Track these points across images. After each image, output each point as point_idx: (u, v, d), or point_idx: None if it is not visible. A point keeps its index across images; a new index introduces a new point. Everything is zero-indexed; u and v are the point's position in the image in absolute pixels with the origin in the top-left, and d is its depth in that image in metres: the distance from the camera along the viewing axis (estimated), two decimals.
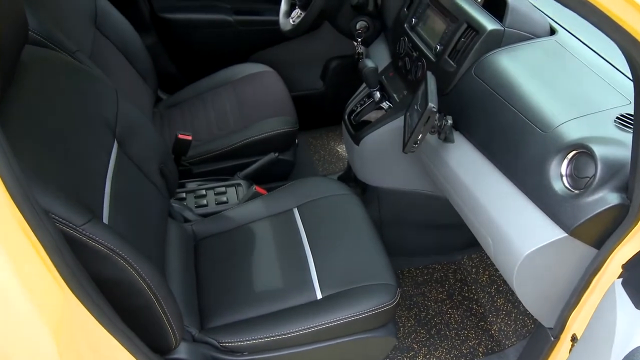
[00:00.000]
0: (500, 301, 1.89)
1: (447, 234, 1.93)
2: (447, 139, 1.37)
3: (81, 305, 0.88)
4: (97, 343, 0.93)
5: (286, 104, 2.08)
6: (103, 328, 0.93)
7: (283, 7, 1.99)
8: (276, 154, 1.91)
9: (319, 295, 1.36)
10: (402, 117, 1.62)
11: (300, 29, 1.83)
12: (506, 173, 1.25)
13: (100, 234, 0.97)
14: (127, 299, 1.04)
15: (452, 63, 1.45)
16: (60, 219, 0.92)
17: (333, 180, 1.70)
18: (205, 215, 1.66)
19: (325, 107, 2.59)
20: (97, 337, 0.93)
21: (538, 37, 1.43)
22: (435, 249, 1.99)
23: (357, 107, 1.82)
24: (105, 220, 1.09)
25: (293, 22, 1.91)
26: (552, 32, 1.45)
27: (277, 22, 2.32)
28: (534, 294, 1.24)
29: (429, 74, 1.37)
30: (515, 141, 1.23)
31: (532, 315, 1.49)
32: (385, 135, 1.68)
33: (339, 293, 1.36)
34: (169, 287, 1.13)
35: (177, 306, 1.14)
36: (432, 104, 1.24)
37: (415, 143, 1.30)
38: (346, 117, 1.84)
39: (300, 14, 1.90)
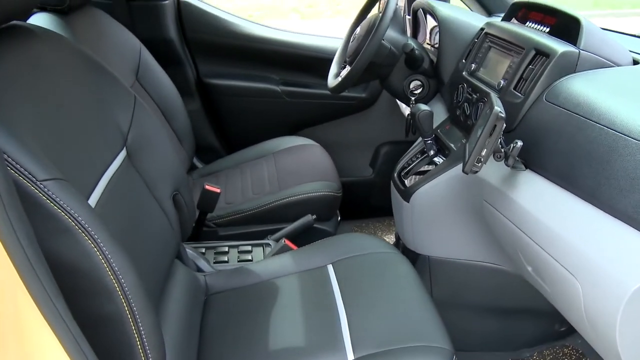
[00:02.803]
0: None
1: (514, 323, 1.58)
2: (516, 166, 1.12)
3: (25, 290, 0.64)
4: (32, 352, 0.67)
5: (329, 171, 1.89)
6: (52, 332, 0.67)
7: (333, 69, 1.88)
8: (313, 216, 1.68)
9: (351, 357, 1.06)
10: (461, 166, 1.39)
11: (347, 83, 1.69)
12: (592, 200, 0.98)
13: (66, 198, 0.75)
14: (90, 299, 0.79)
15: (519, 94, 1.25)
16: (18, 166, 0.72)
17: (375, 237, 1.45)
18: None
19: (374, 197, 2.39)
20: (36, 342, 0.67)
21: (619, 65, 1.23)
22: (498, 342, 1.62)
23: (409, 164, 1.60)
24: None
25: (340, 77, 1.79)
26: (635, 63, 1.25)
27: (326, 96, 2.24)
28: None
29: (493, 95, 1.16)
30: (602, 159, 0.97)
31: None
32: (441, 188, 1.44)
33: (376, 354, 1.05)
34: (153, 308, 0.87)
35: (159, 331, 0.87)
36: (499, 108, 1.02)
37: (479, 162, 1.06)
38: (395, 175, 1.62)
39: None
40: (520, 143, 1.11)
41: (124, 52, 1.76)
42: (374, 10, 1.81)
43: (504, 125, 1.05)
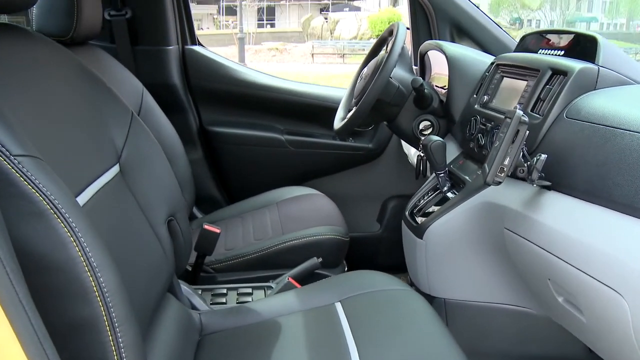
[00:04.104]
0: None
1: None
2: (540, 183, 1.03)
3: None
4: None
5: (336, 216, 1.79)
6: (14, 335, 0.57)
7: (339, 113, 1.83)
8: (319, 259, 1.56)
9: None
10: (478, 195, 1.30)
11: (354, 123, 1.63)
12: (628, 210, 0.89)
13: (42, 177, 0.66)
14: (62, 299, 0.68)
15: (537, 115, 1.18)
16: None
17: (386, 274, 1.33)
18: None
19: (381, 254, 2.27)
20: None
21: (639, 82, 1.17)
22: None
23: (420, 202, 1.51)
24: None
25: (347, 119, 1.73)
26: None
27: (332, 146, 2.18)
28: None
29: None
30: (637, 165, 0.89)
31: None
32: (457, 221, 1.34)
33: None
34: (135, 319, 0.76)
35: (141, 347, 0.75)
36: (521, 112, 0.94)
37: (501, 171, 0.97)
38: (407, 213, 1.52)
39: None
40: (544, 156, 1.03)
41: (125, 93, 1.72)
42: (382, 52, 1.79)
43: (527, 131, 0.97)
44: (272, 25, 27.33)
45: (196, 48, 2.10)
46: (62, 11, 1.45)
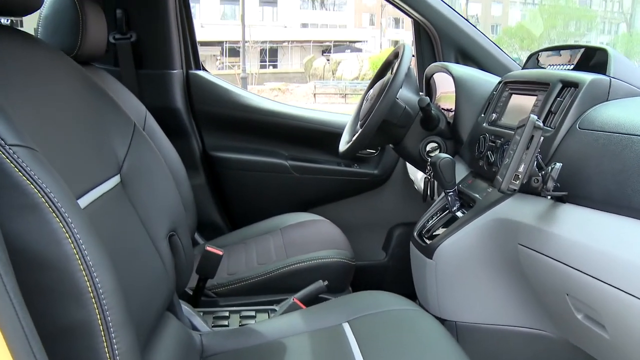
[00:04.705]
0: None
1: None
2: (556, 193, 0.99)
3: None
4: None
5: (342, 240, 1.75)
6: (2, 337, 0.53)
7: (345, 137, 1.80)
8: (325, 282, 1.51)
9: None
10: (490, 212, 1.26)
11: (360, 144, 1.60)
12: None
13: (38, 169, 0.63)
14: (54, 300, 0.64)
15: (548, 128, 1.15)
16: None
17: (395, 294, 1.28)
18: None
19: (387, 283, 2.21)
20: None
21: None
22: None
23: (429, 222, 1.47)
24: None
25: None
26: None
27: (336, 172, 2.16)
28: None
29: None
30: None
31: None
32: (468, 239, 1.29)
33: None
34: (132, 324, 0.71)
35: (138, 355, 0.70)
36: (535, 117, 0.91)
37: (516, 179, 0.93)
38: (415, 234, 1.47)
39: None
40: (559, 164, 0.99)
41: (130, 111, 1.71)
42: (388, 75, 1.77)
43: (542, 137, 0.94)
44: (275, 66, 27.76)
45: (200, 73, 2.09)
46: (68, 29, 1.45)
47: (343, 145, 1.72)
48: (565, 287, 1.02)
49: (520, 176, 0.94)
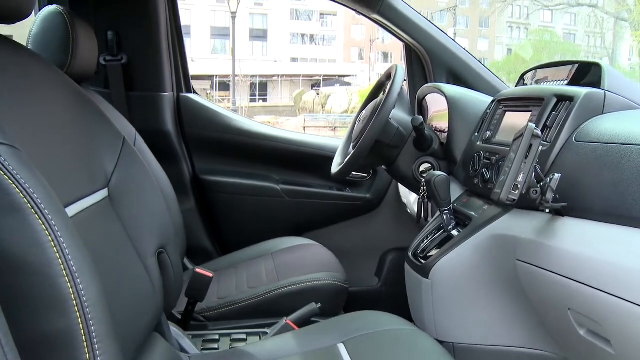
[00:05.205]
0: None
1: None
2: (555, 205, 0.97)
3: None
4: None
5: (334, 263, 1.71)
6: None
7: (337, 159, 1.78)
8: (318, 305, 1.47)
9: None
10: (486, 229, 1.24)
11: (352, 165, 1.58)
12: None
13: (20, 168, 0.60)
14: (34, 308, 0.60)
15: (544, 142, 1.14)
16: None
17: (390, 314, 1.24)
18: None
19: (380, 309, 2.16)
20: None
21: None
22: None
23: (423, 243, 1.44)
24: None
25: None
26: None
27: (328, 196, 2.13)
28: None
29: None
30: None
31: None
32: (465, 258, 1.27)
33: None
34: (117, 336, 0.67)
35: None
36: (533, 125, 0.90)
37: (516, 189, 0.91)
38: (410, 254, 1.44)
39: None
40: (558, 175, 0.98)
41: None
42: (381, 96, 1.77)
43: (540, 146, 0.92)
44: (265, 100, 27.96)
45: (191, 96, 2.07)
46: (58, 47, 1.43)
47: (335, 167, 1.70)
48: (566, 301, 0.99)
49: (519, 186, 0.92)
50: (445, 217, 1.37)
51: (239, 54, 24.50)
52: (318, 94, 24.31)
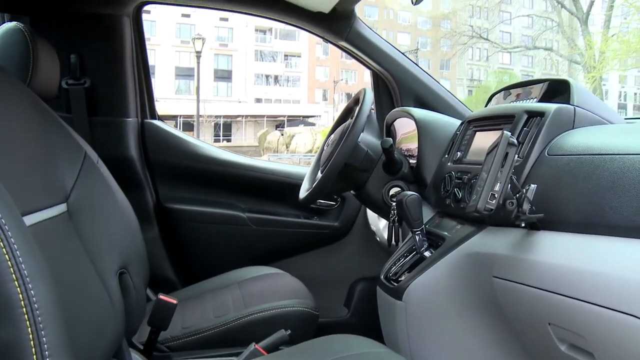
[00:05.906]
0: None
1: None
2: (531, 217, 0.95)
3: None
4: None
5: (303, 291, 1.66)
6: None
7: (304, 185, 1.75)
8: (287, 331, 1.41)
9: None
10: (461, 247, 1.22)
11: (320, 190, 1.55)
12: (629, 232, 0.83)
13: None
14: None
15: (517, 157, 1.14)
16: None
17: (363, 337, 1.19)
18: None
19: None
20: None
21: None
22: None
23: (395, 266, 1.41)
24: None
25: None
26: None
27: (296, 225, 2.09)
28: None
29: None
30: (635, 183, 0.85)
31: None
32: (439, 278, 1.24)
33: None
34: (71, 349, 0.61)
35: None
36: (509, 133, 0.89)
37: (492, 198, 0.90)
38: (382, 277, 1.41)
39: None
40: (534, 186, 0.97)
41: None
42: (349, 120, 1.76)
43: (516, 156, 0.91)
44: (229, 140, 27.93)
45: (156, 122, 2.02)
46: (19, 62, 1.37)
47: (303, 192, 1.67)
48: (547, 316, 0.97)
49: (496, 195, 0.90)
50: (417, 238, 1.35)
51: (203, 94, 24.52)
52: (282, 134, 24.42)
